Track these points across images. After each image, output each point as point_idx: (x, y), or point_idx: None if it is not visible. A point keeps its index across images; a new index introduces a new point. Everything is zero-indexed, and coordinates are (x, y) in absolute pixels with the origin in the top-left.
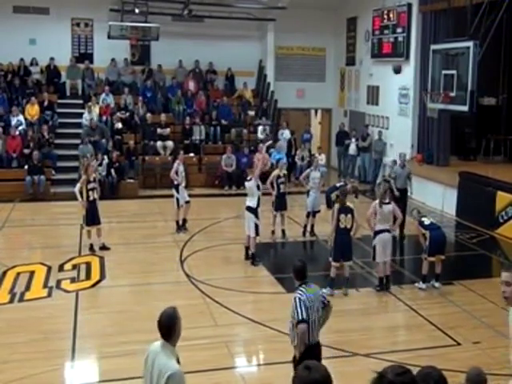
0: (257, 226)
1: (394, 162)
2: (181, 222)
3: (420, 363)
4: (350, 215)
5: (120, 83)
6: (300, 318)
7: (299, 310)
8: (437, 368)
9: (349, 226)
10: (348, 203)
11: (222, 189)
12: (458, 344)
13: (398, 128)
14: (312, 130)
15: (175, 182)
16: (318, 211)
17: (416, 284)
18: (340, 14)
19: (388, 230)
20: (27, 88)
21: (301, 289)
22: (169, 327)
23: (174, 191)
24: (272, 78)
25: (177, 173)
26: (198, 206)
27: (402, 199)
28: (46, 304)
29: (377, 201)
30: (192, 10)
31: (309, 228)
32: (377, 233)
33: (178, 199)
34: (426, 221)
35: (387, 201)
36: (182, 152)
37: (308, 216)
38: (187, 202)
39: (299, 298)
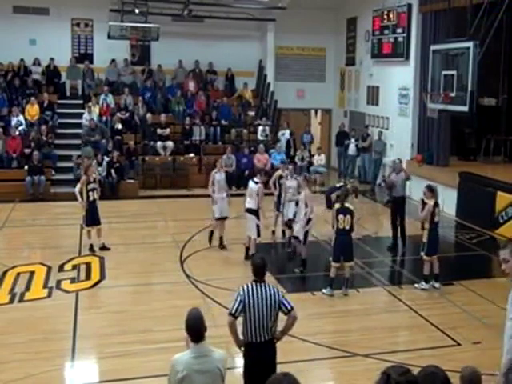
0: (258, 228)
1: (394, 162)
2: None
3: (420, 363)
4: (348, 216)
5: (120, 83)
6: (230, 309)
7: (234, 303)
8: (439, 367)
9: (348, 227)
10: (347, 204)
11: None
12: (458, 344)
13: (398, 128)
14: (312, 131)
15: (210, 193)
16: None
17: (417, 285)
18: (340, 13)
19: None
20: (27, 88)
21: (248, 284)
22: (200, 329)
23: (211, 202)
24: (272, 78)
25: (213, 182)
26: (198, 206)
27: (399, 209)
28: (46, 304)
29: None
30: (192, 10)
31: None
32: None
33: (214, 211)
34: (436, 217)
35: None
36: (220, 160)
37: (287, 225)
38: (223, 219)
39: (238, 292)
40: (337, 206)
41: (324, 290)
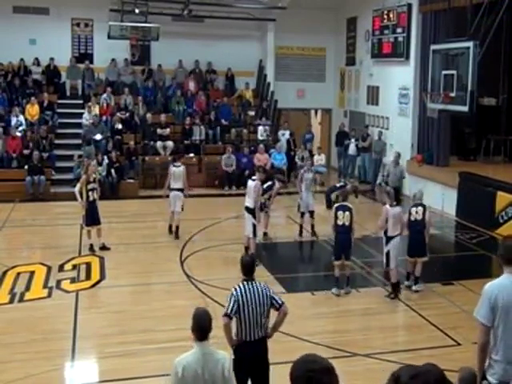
0: (254, 227)
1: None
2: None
3: (420, 363)
4: (348, 212)
5: (120, 83)
6: (225, 311)
7: (228, 303)
8: (437, 366)
9: (347, 224)
10: (347, 203)
11: (222, 189)
12: (458, 344)
13: (398, 128)
14: (313, 130)
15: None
16: (313, 211)
17: (407, 282)
18: (340, 13)
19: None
20: (27, 88)
21: (239, 284)
22: (209, 327)
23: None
24: (272, 78)
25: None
26: (197, 206)
27: None
28: (46, 304)
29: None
30: (192, 10)
31: (309, 229)
32: (391, 238)
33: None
34: (412, 216)
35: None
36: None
37: (302, 216)
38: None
39: (232, 293)
40: (336, 204)
41: (333, 290)
